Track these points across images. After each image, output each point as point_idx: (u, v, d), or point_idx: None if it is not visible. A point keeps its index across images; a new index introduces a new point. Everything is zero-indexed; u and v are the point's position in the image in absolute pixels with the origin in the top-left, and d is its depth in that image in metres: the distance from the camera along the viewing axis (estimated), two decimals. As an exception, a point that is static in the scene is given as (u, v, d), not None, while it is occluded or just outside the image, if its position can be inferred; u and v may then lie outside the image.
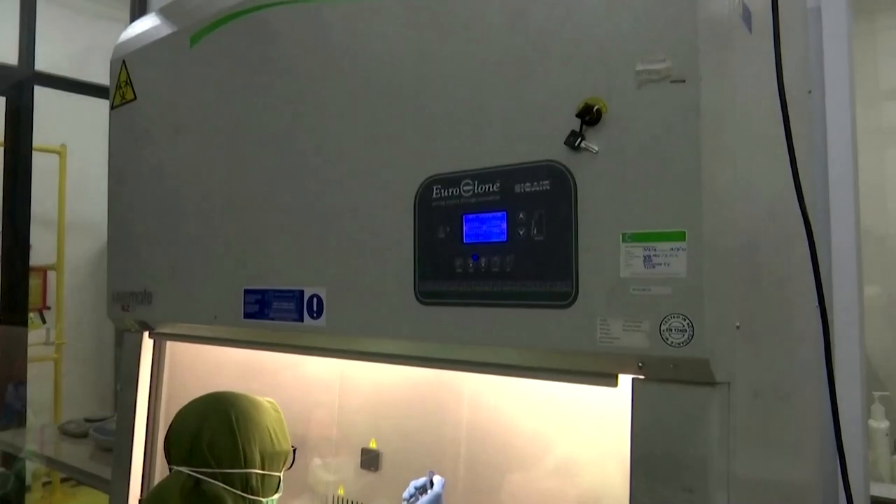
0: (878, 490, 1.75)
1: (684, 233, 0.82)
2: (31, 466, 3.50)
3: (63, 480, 4.69)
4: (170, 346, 1.67)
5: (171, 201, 1.52)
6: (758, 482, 1.00)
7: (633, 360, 0.85)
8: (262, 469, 1.15)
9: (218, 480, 1.10)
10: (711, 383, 0.83)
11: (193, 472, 1.10)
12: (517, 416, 1.72)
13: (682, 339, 0.81)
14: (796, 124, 1.01)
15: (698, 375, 0.82)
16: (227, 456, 1.11)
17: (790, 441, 1.24)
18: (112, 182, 1.70)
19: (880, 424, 1.92)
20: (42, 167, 3.82)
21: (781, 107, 0.98)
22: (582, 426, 1.61)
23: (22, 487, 3.11)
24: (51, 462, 2.73)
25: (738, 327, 0.90)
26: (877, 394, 1.95)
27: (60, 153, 4.50)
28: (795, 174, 0.99)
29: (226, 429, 1.12)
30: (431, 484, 1.33)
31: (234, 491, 1.11)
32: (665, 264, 0.83)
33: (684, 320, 0.81)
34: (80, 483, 4.79)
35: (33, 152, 3.10)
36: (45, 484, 4.60)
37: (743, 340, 0.91)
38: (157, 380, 1.66)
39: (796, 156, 0.99)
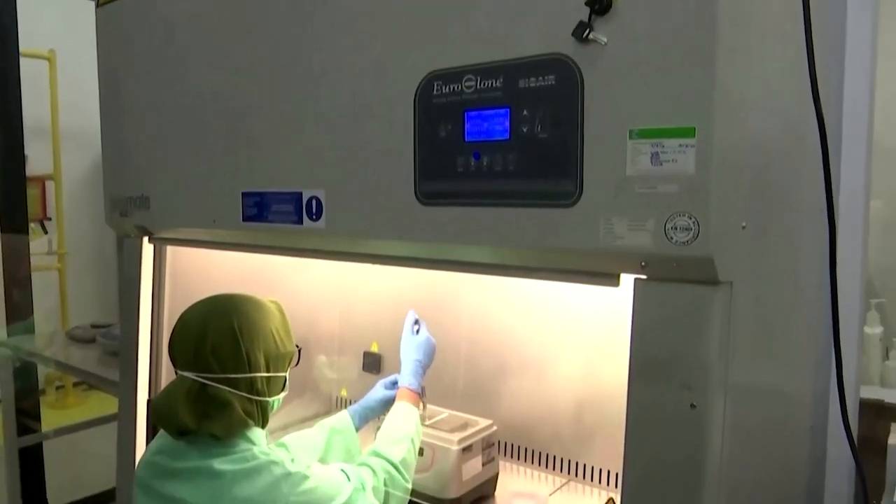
0: (867, 392, 1.79)
1: (694, 129, 0.79)
2: (42, 372, 3.60)
3: (75, 385, 4.85)
4: (172, 251, 1.67)
5: (164, 103, 1.47)
6: (753, 382, 1.02)
7: (637, 260, 0.85)
8: (267, 372, 1.17)
9: (223, 385, 1.11)
10: (714, 282, 0.82)
11: (198, 377, 1.11)
12: (516, 319, 1.75)
13: (687, 238, 0.80)
14: (816, 25, 0.96)
15: (702, 274, 0.82)
16: (231, 362, 1.12)
17: (787, 343, 1.26)
18: (103, 85, 1.65)
19: (874, 330, 1.95)
20: (33, 75, 3.72)
21: (803, 5, 0.92)
22: (581, 331, 1.64)
23: (35, 391, 3.20)
24: (60, 366, 2.80)
25: (743, 228, 0.88)
26: (873, 301, 1.97)
27: (49, 59, 4.38)
28: (813, 76, 0.95)
29: (228, 336, 1.12)
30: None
31: (240, 393, 1.13)
32: (672, 161, 0.80)
33: (690, 218, 0.80)
34: (91, 387, 4.96)
35: (21, 58, 2.99)
36: (58, 388, 4.76)
37: (747, 241, 0.90)
38: (158, 284, 1.66)
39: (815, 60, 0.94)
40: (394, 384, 1.47)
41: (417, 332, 1.50)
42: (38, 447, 3.13)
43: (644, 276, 0.86)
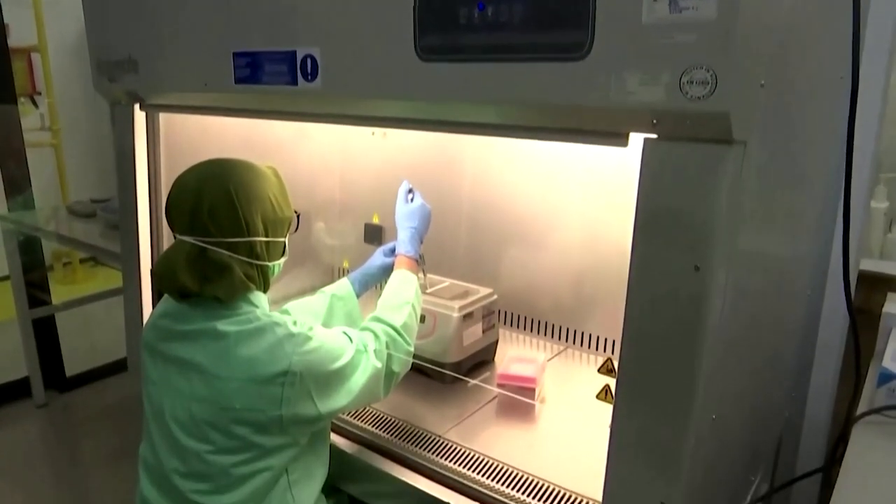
0: (866, 265, 1.81)
1: (718, -32, 0.73)
2: (47, 249, 3.63)
3: (82, 261, 4.92)
4: (165, 119, 1.62)
5: (144, -45, 1.37)
6: (758, 246, 1.01)
7: (648, 117, 0.80)
8: (266, 236, 1.16)
9: (222, 248, 1.11)
10: (728, 141, 0.79)
11: (197, 241, 1.10)
12: (519, 188, 1.73)
13: (704, 92, 0.75)
14: None
15: (715, 132, 0.78)
16: (229, 226, 1.11)
17: (793, 210, 1.24)
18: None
19: (881, 205, 1.93)
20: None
21: None
22: (584, 198, 1.62)
23: (42, 264, 3.24)
24: (63, 239, 2.81)
25: (762, 85, 0.84)
26: (883, 175, 1.93)
27: (21, -85, 4.08)
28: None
29: (225, 200, 1.10)
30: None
31: (240, 257, 1.12)
32: (693, 8, 0.74)
33: (707, 71, 0.75)
34: (97, 263, 5.03)
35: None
36: (65, 264, 4.83)
37: (765, 101, 0.86)
38: (153, 154, 1.62)
39: None
40: (393, 251, 1.47)
41: (412, 200, 1.48)
42: (51, 319, 3.22)
43: (654, 135, 0.83)
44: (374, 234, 1.91)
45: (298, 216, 1.25)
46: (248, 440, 1.08)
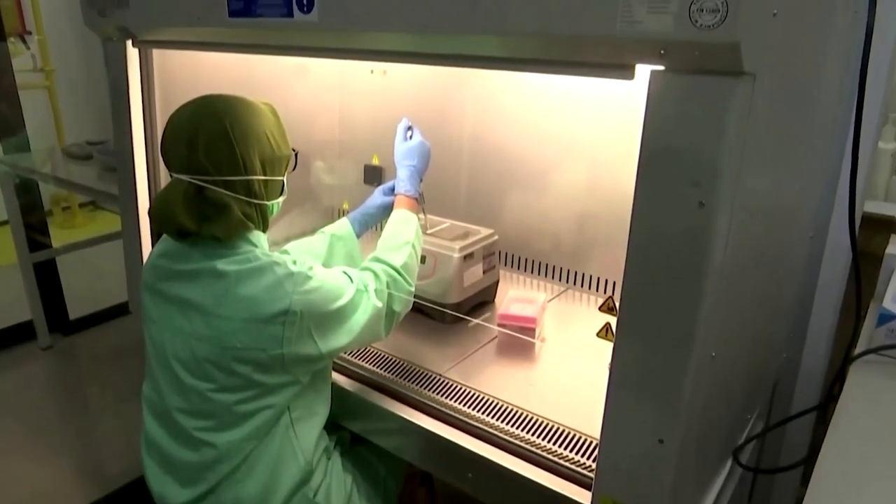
0: (870, 207, 1.79)
1: None
2: (46, 193, 3.61)
3: (81, 206, 4.90)
4: (160, 57, 1.57)
5: None
6: (764, 184, 0.99)
7: (655, 48, 0.78)
8: (264, 175, 1.14)
9: (220, 187, 1.09)
10: (737, 73, 0.76)
11: (194, 179, 1.09)
12: (520, 124, 1.70)
13: (714, 21, 0.72)
14: None
15: (725, 63, 0.75)
16: (226, 164, 1.09)
17: (800, 148, 1.22)
18: None
19: (888, 145, 1.90)
20: None
21: None
22: (586, 138, 1.59)
23: (40, 208, 3.23)
24: (60, 182, 2.79)
25: (774, 15, 0.80)
26: (892, 115, 1.89)
27: None
28: None
29: (221, 137, 1.08)
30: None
31: (238, 196, 1.11)
32: (705, -70, 0.71)
33: (718, -1, 0.72)
34: (97, 208, 5.01)
35: None
36: (64, 209, 4.81)
37: (776, 32, 0.83)
38: (148, 92, 1.59)
39: None
40: (392, 190, 1.46)
41: (411, 137, 1.46)
42: (52, 263, 3.23)
43: (661, 67, 0.80)
44: (374, 176, 1.89)
45: (296, 154, 1.23)
46: (250, 378, 1.09)
